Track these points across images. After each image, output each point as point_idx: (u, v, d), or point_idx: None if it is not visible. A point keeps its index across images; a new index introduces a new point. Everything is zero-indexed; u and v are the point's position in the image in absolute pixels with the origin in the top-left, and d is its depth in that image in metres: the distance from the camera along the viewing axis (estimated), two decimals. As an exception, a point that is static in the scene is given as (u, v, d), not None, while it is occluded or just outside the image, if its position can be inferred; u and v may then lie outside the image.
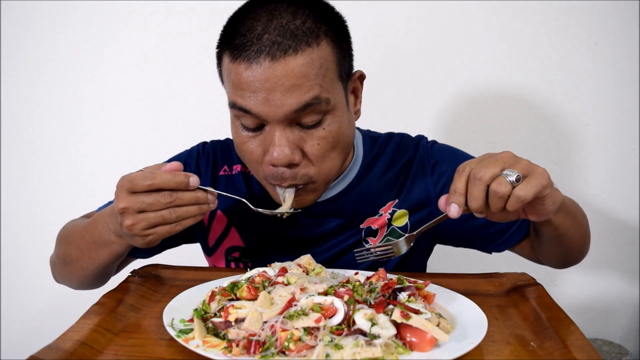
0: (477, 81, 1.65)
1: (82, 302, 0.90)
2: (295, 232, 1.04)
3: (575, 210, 0.95)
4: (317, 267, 0.87)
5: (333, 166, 0.91)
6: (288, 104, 0.82)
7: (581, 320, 1.72)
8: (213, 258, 1.11)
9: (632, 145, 1.63)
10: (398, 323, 0.67)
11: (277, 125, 0.84)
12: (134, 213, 0.79)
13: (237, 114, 0.87)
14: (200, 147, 1.13)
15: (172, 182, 0.78)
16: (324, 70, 0.84)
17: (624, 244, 1.69)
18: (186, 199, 0.80)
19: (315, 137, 0.87)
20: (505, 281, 0.93)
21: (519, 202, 0.72)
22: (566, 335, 0.70)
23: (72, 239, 0.98)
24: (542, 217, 0.79)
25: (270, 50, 0.80)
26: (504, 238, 1.03)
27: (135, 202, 0.79)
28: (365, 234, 1.04)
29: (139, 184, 0.79)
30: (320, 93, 0.83)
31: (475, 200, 0.73)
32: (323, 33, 0.84)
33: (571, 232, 0.92)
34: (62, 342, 0.68)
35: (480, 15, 1.61)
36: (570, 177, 1.66)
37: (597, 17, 1.58)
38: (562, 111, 1.64)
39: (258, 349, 0.64)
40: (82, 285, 1.02)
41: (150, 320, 0.79)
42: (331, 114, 0.87)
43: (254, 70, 0.81)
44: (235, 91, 0.85)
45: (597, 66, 1.60)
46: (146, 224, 0.80)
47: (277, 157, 0.84)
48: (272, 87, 0.81)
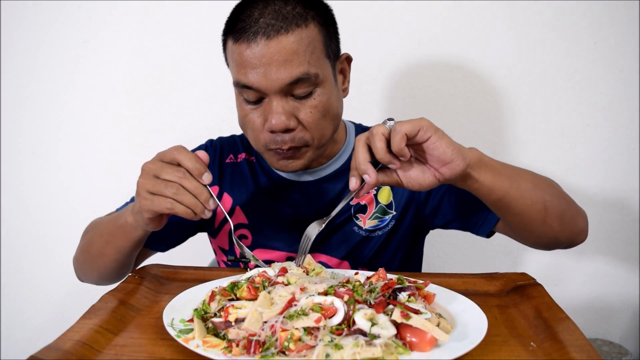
0: (476, 81, 1.65)
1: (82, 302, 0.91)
2: (294, 210, 1.14)
3: (521, 176, 0.94)
4: (317, 267, 0.87)
5: (324, 133, 1.04)
6: (282, 77, 0.95)
7: (581, 320, 1.72)
8: (217, 239, 1.19)
9: (632, 145, 1.63)
10: (398, 323, 0.67)
11: (274, 97, 0.98)
12: (149, 174, 0.86)
13: (240, 90, 1.01)
14: (209, 142, 1.25)
15: (190, 164, 0.85)
16: (312, 48, 0.97)
17: (624, 244, 1.69)
18: (190, 185, 0.84)
19: (308, 106, 1.00)
20: (505, 281, 0.93)
21: (399, 134, 0.79)
22: (566, 335, 0.70)
23: (96, 230, 1.06)
24: (454, 166, 0.83)
25: (265, 31, 0.94)
26: (485, 217, 1.07)
27: (157, 166, 0.86)
28: (355, 210, 1.13)
29: (169, 153, 0.87)
30: (309, 69, 0.97)
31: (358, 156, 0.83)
32: (311, 17, 0.98)
33: (516, 197, 0.91)
34: (62, 342, 0.68)
35: (480, 16, 1.61)
36: (570, 177, 1.66)
37: (597, 17, 1.58)
38: (562, 111, 1.64)
39: (258, 349, 0.64)
40: (103, 278, 1.08)
41: (150, 320, 0.79)
42: (321, 87, 1.00)
43: (253, 49, 0.95)
44: (239, 70, 0.98)
45: (597, 66, 1.60)
46: (151, 186, 0.85)
47: (275, 123, 0.97)
48: (268, 62, 0.95)
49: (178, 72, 1.73)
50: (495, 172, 0.90)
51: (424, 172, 0.85)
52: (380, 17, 1.63)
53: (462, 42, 1.63)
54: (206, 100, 1.72)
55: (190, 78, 1.72)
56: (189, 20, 1.70)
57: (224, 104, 1.70)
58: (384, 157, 0.80)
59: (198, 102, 1.73)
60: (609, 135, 1.64)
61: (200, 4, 1.67)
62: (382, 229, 1.13)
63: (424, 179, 0.85)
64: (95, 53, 1.74)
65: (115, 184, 1.70)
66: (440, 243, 1.72)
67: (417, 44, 1.64)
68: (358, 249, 1.13)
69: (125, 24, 1.72)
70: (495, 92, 1.65)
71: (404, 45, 1.65)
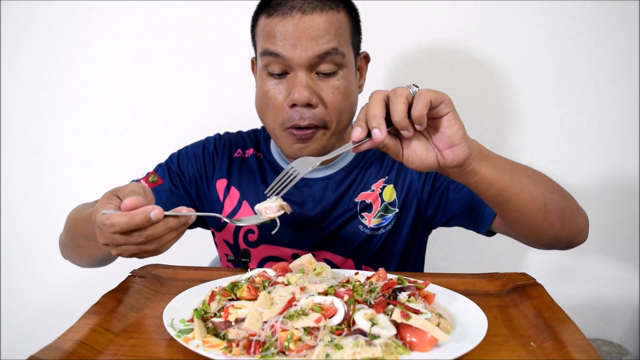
0: (476, 81, 1.65)
1: (82, 302, 0.90)
2: (300, 208, 1.13)
3: (521, 171, 0.93)
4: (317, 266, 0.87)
5: (342, 118, 1.06)
6: (312, 50, 0.99)
7: (581, 320, 1.72)
8: (223, 233, 1.19)
9: (632, 145, 1.63)
10: (398, 323, 0.67)
11: (299, 70, 1.00)
12: (115, 246, 0.79)
13: (266, 61, 1.02)
14: (217, 136, 1.25)
15: (132, 224, 0.75)
16: (342, 31, 1.02)
17: (624, 244, 1.69)
18: (157, 232, 0.77)
19: (330, 86, 1.02)
20: (505, 281, 0.93)
21: (423, 100, 0.75)
22: (566, 335, 0.70)
23: (77, 227, 1.03)
24: (458, 150, 0.80)
25: (301, 7, 0.99)
26: (483, 213, 1.09)
27: (112, 239, 0.78)
28: (360, 208, 1.13)
29: (106, 230, 0.76)
30: (338, 47, 1.01)
31: (372, 108, 0.76)
32: (342, 6, 1.04)
33: (516, 193, 0.90)
34: (62, 342, 0.68)
35: (480, 16, 1.61)
36: (570, 177, 1.66)
37: (597, 17, 1.58)
38: (562, 111, 1.64)
39: (258, 349, 0.64)
40: (89, 265, 1.10)
41: (150, 320, 0.79)
42: (344, 70, 1.03)
43: (287, 22, 0.99)
44: (269, 39, 1.01)
45: (597, 66, 1.60)
46: (130, 253, 0.80)
47: (299, 96, 0.99)
48: (300, 36, 0.98)
49: (178, 72, 1.72)
50: (495, 165, 0.88)
51: (428, 151, 0.81)
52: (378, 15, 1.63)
53: (461, 42, 1.63)
54: (206, 100, 1.72)
55: (190, 78, 1.72)
56: (189, 21, 1.69)
57: (224, 104, 1.70)
58: (401, 121, 0.76)
59: (198, 102, 1.73)
60: (609, 135, 1.64)
61: (201, 4, 1.67)
62: (385, 227, 1.13)
63: (427, 157, 0.81)
64: (95, 53, 1.74)
65: (115, 183, 1.69)
66: (440, 243, 1.72)
67: (415, 42, 1.64)
68: (362, 247, 1.13)
69: (125, 24, 1.72)
70: (495, 92, 1.65)
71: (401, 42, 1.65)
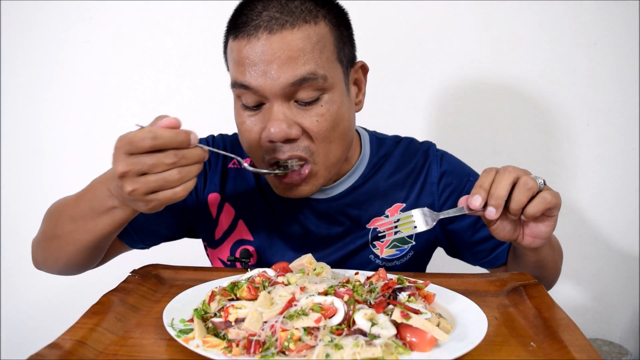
0: (477, 81, 1.65)
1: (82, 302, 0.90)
2: (303, 230, 1.03)
3: (557, 246, 1.02)
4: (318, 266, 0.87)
5: (332, 150, 0.90)
6: (284, 77, 0.83)
7: (581, 320, 1.72)
8: (217, 251, 1.09)
9: (632, 145, 1.63)
10: (398, 323, 0.67)
11: (274, 101, 0.85)
12: (134, 177, 0.72)
13: (238, 92, 0.89)
14: (210, 139, 1.12)
15: (175, 141, 0.71)
16: (320, 47, 0.85)
17: (624, 244, 1.69)
18: (191, 158, 0.73)
19: (314, 114, 0.86)
20: (505, 281, 0.93)
21: (543, 203, 0.78)
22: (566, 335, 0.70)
23: (63, 210, 0.90)
24: (537, 242, 0.85)
25: (268, 24, 0.83)
26: (490, 258, 1.08)
27: (136, 164, 0.71)
28: (372, 236, 1.04)
29: (140, 144, 0.71)
30: (317, 69, 0.84)
31: (500, 189, 0.77)
32: (322, 15, 0.87)
33: (550, 265, 0.98)
34: (62, 342, 0.68)
35: (479, 16, 1.61)
36: (571, 177, 1.65)
37: (597, 17, 1.58)
38: (562, 111, 1.64)
39: (258, 349, 0.64)
40: (68, 267, 0.94)
41: (150, 320, 0.79)
42: (329, 93, 0.87)
43: (253, 45, 0.83)
44: (237, 68, 0.86)
45: (597, 66, 1.60)
46: (147, 188, 0.72)
47: (274, 131, 0.84)
48: (269, 60, 0.83)
49: (178, 72, 1.73)
50: (551, 244, 0.94)
51: (516, 230, 0.85)
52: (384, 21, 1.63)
53: (461, 42, 1.63)
54: (206, 100, 1.72)
55: (190, 78, 1.72)
56: (189, 21, 1.70)
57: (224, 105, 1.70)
58: (517, 212, 0.79)
59: (198, 102, 1.73)
60: (609, 135, 1.64)
61: (200, 4, 1.67)
62: (400, 259, 1.05)
63: (512, 235, 0.85)
64: (95, 53, 1.74)
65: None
66: (440, 243, 1.72)
67: (416, 44, 1.64)
68: None
69: (125, 24, 1.72)
70: (495, 92, 1.65)
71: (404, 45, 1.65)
